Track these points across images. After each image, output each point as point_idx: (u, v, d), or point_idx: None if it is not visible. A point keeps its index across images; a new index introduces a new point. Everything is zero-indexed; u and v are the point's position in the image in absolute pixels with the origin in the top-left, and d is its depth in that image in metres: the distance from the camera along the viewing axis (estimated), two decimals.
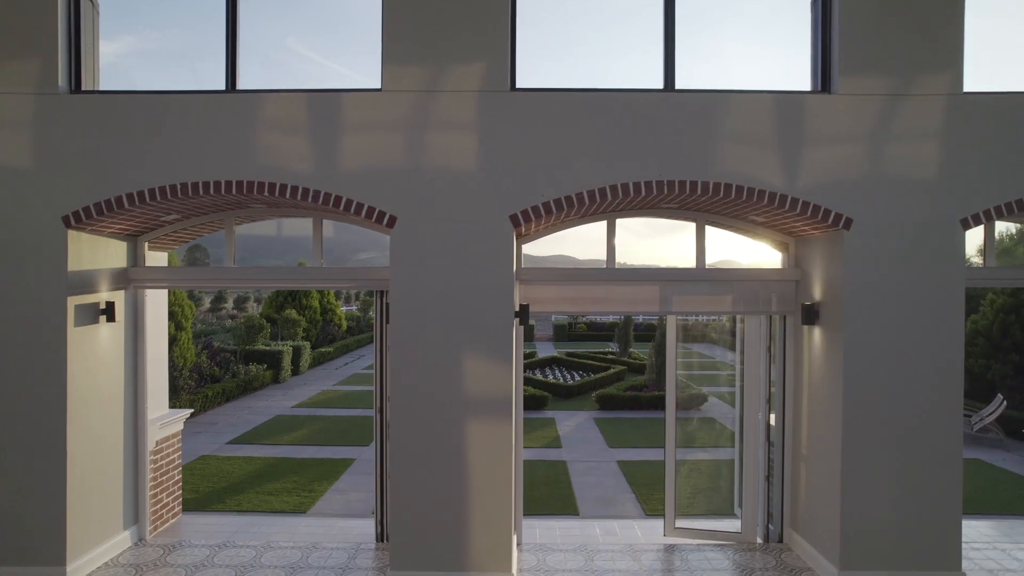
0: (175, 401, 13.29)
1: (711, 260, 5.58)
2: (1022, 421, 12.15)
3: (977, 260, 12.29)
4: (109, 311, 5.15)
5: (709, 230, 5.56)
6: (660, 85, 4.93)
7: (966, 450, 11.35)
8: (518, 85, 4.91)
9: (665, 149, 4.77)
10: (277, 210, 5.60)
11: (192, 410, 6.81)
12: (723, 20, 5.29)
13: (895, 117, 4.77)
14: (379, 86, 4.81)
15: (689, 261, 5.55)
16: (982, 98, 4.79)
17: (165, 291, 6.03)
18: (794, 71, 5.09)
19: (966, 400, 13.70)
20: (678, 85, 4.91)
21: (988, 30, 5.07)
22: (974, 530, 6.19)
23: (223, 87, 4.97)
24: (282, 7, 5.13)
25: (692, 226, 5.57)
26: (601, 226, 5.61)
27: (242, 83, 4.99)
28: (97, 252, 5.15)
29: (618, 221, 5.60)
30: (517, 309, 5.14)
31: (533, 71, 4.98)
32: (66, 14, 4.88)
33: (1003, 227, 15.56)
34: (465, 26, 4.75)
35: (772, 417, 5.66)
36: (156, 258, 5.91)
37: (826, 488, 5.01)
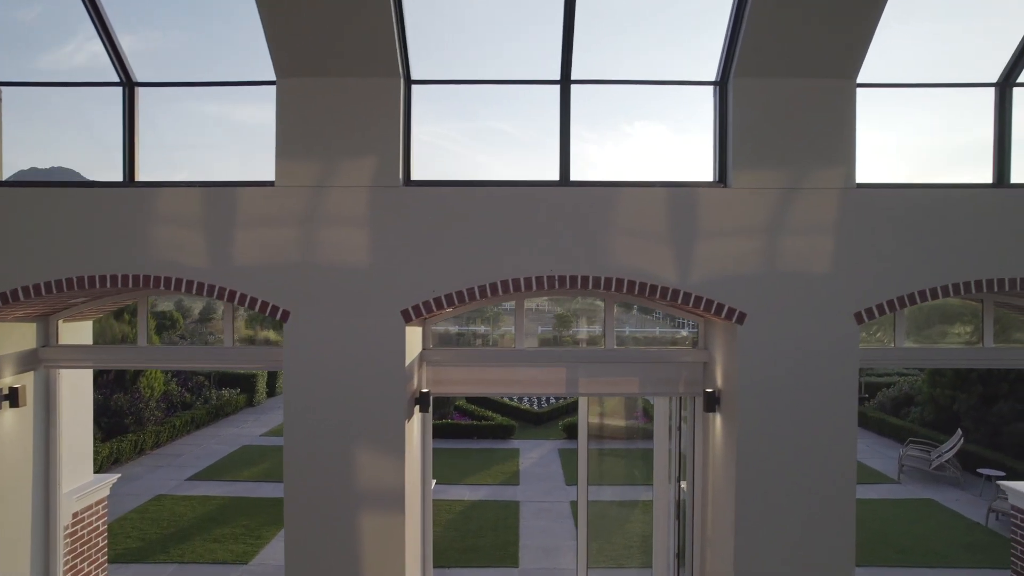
0: (141, 434, 13.36)
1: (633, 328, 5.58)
2: (981, 456, 12.14)
3: None
4: (13, 397, 5.17)
5: None
6: (556, 177, 4.94)
7: (922, 489, 11.40)
8: (415, 178, 4.93)
9: (559, 243, 4.78)
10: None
11: (119, 475, 6.86)
12: (631, 109, 5.28)
13: (789, 211, 4.77)
14: (273, 180, 4.82)
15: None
16: (874, 191, 4.78)
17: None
18: (702, 164, 5.07)
19: (929, 432, 13.71)
20: (574, 176, 4.91)
21: (880, 123, 5.06)
22: None
23: (121, 179, 4.99)
24: (175, 101, 5.13)
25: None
26: None
27: (141, 175, 5.01)
28: (1, 338, 5.17)
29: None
30: (418, 396, 5.18)
31: (432, 162, 4.99)
32: None
33: None
34: (357, 123, 4.76)
35: (684, 494, 5.67)
36: (76, 329, 5.93)
37: (725, 572, 5.02)
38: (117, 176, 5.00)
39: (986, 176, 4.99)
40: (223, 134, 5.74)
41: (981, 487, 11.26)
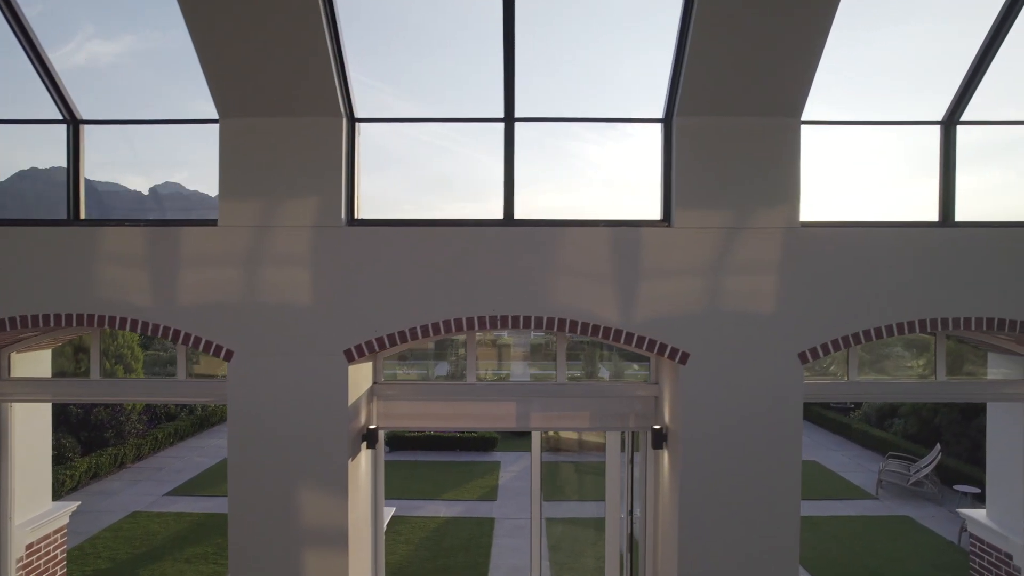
0: (122, 447, 13.37)
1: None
2: (959, 472, 12.12)
3: None
4: None
5: None
6: (500, 215, 4.93)
7: (898, 505, 11.38)
8: (360, 216, 4.92)
9: (502, 283, 4.77)
10: None
11: (78, 503, 6.86)
12: (574, 145, 5.26)
13: (733, 250, 4.76)
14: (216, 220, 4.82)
15: None
16: (819, 230, 4.77)
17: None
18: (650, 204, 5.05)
19: (912, 445, 13.69)
20: (518, 215, 4.91)
21: (826, 160, 5.05)
22: None
23: (65, 217, 4.98)
24: (116, 139, 5.12)
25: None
26: None
27: (85, 214, 5.01)
28: None
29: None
30: (365, 433, 5.17)
31: (381, 201, 4.99)
32: None
33: None
34: (300, 162, 4.75)
35: (637, 527, 5.66)
36: (30, 360, 5.91)
37: None
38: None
39: (932, 215, 4.98)
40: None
41: (958, 503, 11.24)
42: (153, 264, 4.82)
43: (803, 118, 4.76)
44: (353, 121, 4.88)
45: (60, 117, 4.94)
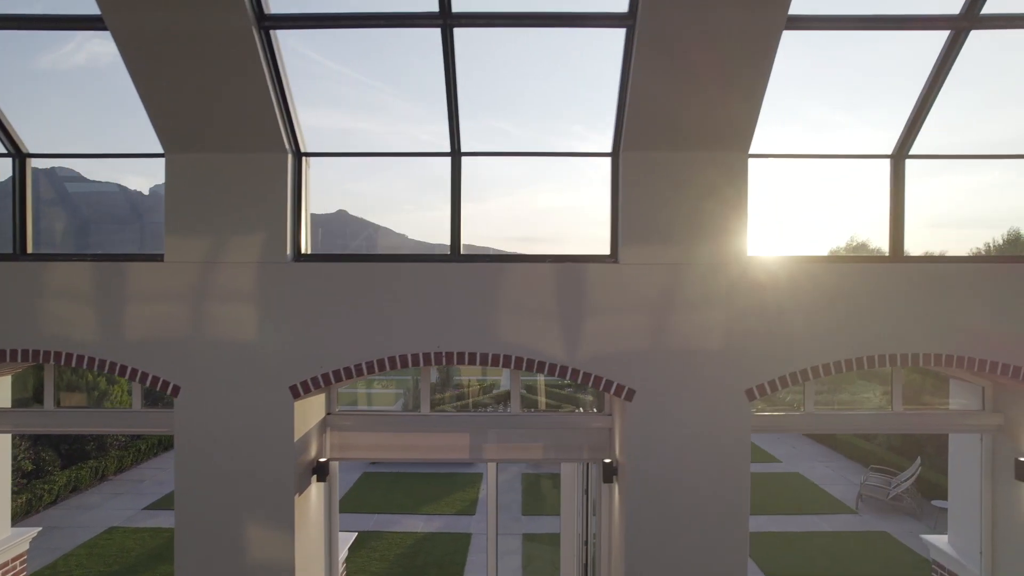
0: (103, 460, 13.36)
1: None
2: (940, 485, 12.08)
3: None
4: None
5: None
6: (447, 251, 4.91)
7: (877, 520, 11.35)
8: (305, 251, 4.90)
9: (448, 318, 4.75)
10: None
11: (39, 528, 6.85)
12: (528, 184, 5.26)
13: (679, 286, 4.73)
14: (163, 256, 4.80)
15: None
16: (767, 266, 4.75)
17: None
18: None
19: (896, 457, 13.66)
20: (463, 250, 4.89)
21: (775, 194, 5.02)
22: None
23: (11, 251, 4.97)
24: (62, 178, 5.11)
25: None
26: None
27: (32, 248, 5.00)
28: None
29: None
30: (315, 466, 5.16)
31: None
32: None
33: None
34: (245, 198, 4.73)
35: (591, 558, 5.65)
36: None
37: None
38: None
39: (883, 248, 4.95)
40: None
41: (936, 519, 11.22)
42: (99, 299, 4.80)
43: (751, 152, 4.74)
44: (299, 156, 4.86)
45: (4, 151, 4.93)
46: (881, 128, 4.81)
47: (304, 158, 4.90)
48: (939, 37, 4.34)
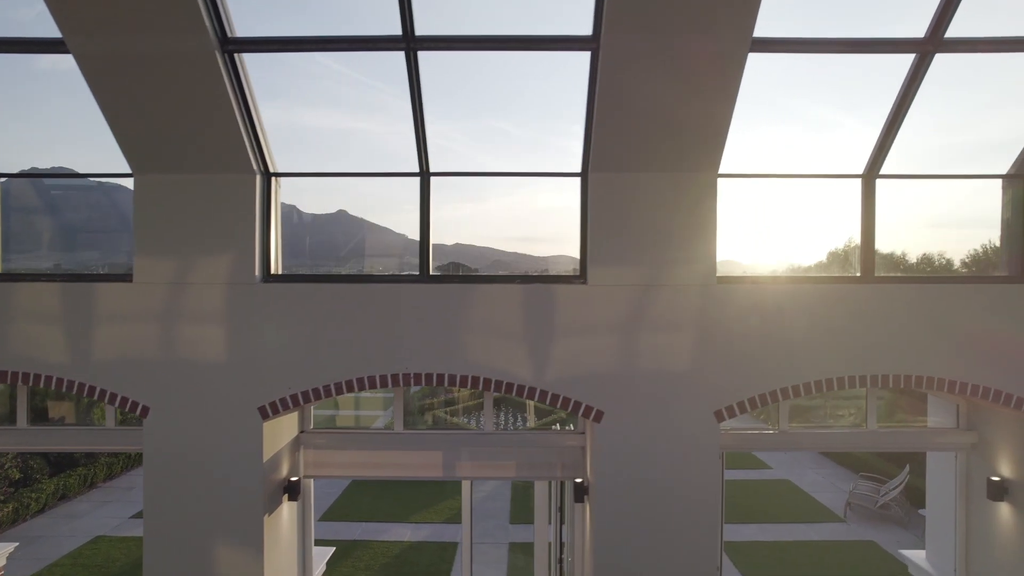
0: (92, 467, 13.34)
1: None
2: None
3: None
4: None
5: None
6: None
7: (865, 529, 11.33)
8: (275, 271, 4.90)
9: (416, 339, 4.74)
10: None
11: (16, 544, 6.85)
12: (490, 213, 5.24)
13: (648, 307, 4.72)
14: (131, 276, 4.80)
15: None
16: (736, 287, 4.74)
17: None
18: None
19: (886, 464, 13.64)
20: (432, 272, 4.88)
21: (746, 213, 5.01)
22: None
23: None
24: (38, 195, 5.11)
25: None
26: None
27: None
28: None
29: None
30: (286, 485, 5.15)
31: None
32: None
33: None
34: (213, 219, 4.72)
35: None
36: None
37: None
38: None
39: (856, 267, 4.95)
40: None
41: (923, 528, 11.18)
42: (68, 320, 4.79)
43: (721, 171, 4.72)
44: (268, 176, 4.85)
45: None
46: (854, 147, 4.80)
47: (274, 178, 4.89)
48: (906, 59, 4.33)
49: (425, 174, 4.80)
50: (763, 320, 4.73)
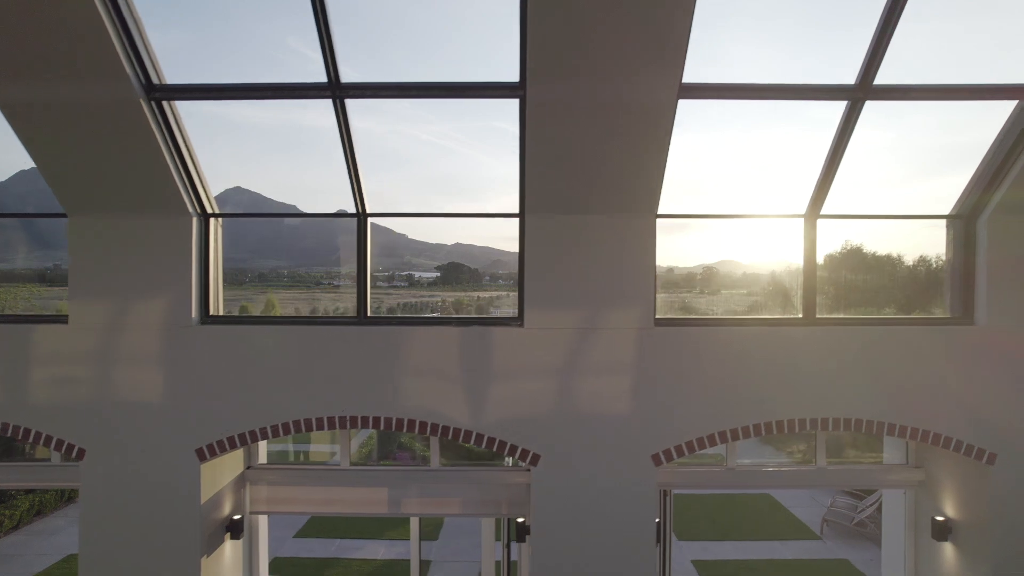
0: None
1: None
2: None
3: None
4: None
5: None
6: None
7: (840, 547, 11.29)
8: (214, 312, 4.87)
9: (353, 382, 4.72)
10: None
11: None
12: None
13: (585, 351, 4.69)
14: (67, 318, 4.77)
15: None
16: (675, 329, 4.71)
17: None
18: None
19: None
20: (370, 313, 4.85)
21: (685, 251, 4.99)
22: None
23: None
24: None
25: None
26: None
27: None
28: None
29: None
30: (228, 524, 5.12)
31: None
32: None
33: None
34: (149, 261, 4.70)
35: None
36: None
37: None
38: None
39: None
40: None
41: None
42: (2, 362, 4.77)
43: (660, 212, 4.68)
44: (206, 217, 4.82)
45: None
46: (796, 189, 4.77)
47: (212, 219, 4.86)
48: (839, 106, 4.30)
49: (363, 215, 4.77)
50: (702, 363, 4.70)
